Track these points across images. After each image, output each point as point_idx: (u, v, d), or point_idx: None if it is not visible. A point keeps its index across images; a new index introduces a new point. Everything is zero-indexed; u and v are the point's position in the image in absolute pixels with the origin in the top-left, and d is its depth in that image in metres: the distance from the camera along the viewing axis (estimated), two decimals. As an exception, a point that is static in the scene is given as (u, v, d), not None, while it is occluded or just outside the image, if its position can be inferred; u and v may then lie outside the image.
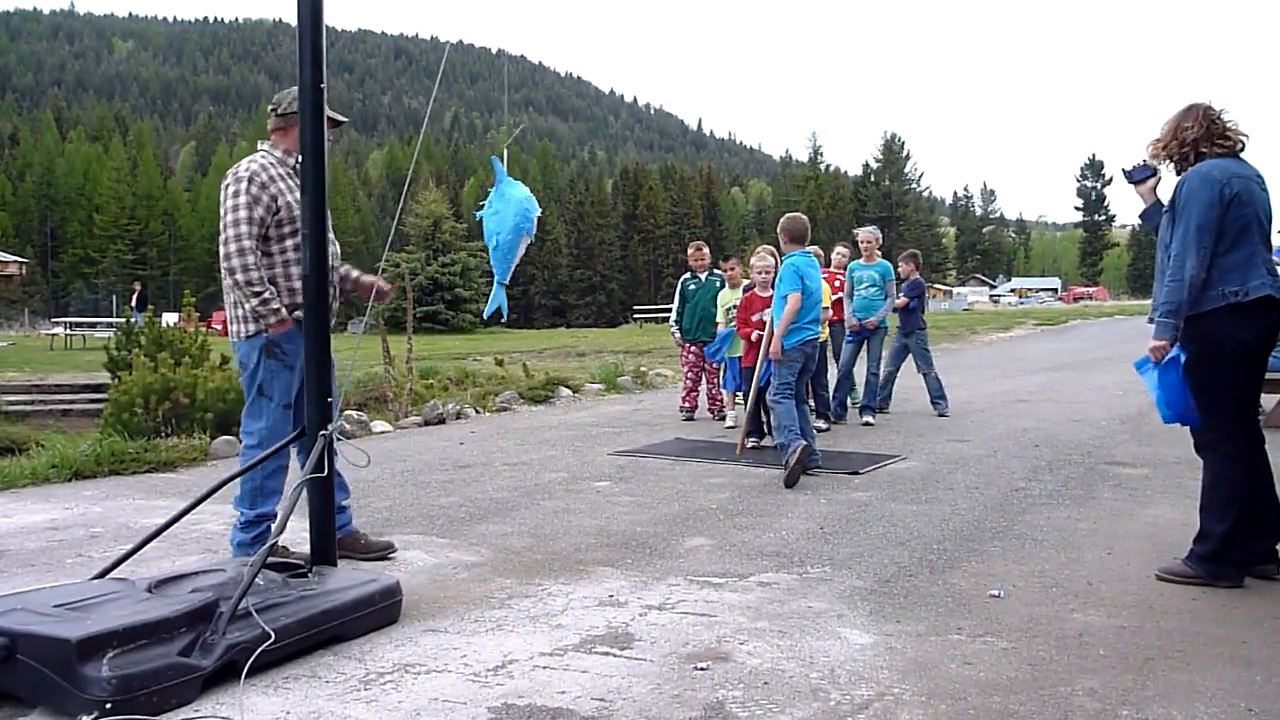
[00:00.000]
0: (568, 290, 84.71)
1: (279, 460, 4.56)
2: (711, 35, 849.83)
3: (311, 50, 4.03)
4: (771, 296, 7.27)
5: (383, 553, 4.78)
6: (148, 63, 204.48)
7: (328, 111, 4.53)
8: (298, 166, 4.48)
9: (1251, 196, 4.13)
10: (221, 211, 4.47)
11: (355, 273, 4.97)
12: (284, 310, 4.49)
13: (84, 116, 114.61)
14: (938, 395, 10.07)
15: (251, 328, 4.51)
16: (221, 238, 4.43)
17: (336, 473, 4.78)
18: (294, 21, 4.11)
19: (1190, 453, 4.50)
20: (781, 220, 7.24)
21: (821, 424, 8.84)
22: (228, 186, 4.48)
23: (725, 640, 3.59)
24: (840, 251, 10.32)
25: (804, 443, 6.54)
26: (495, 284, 4.94)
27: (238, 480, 4.49)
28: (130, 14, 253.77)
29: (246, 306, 4.45)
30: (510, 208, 4.84)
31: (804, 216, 7.28)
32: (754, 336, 7.74)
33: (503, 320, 7.67)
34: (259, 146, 4.70)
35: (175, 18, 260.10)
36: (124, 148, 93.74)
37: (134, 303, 26.59)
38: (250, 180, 4.45)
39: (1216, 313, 4.12)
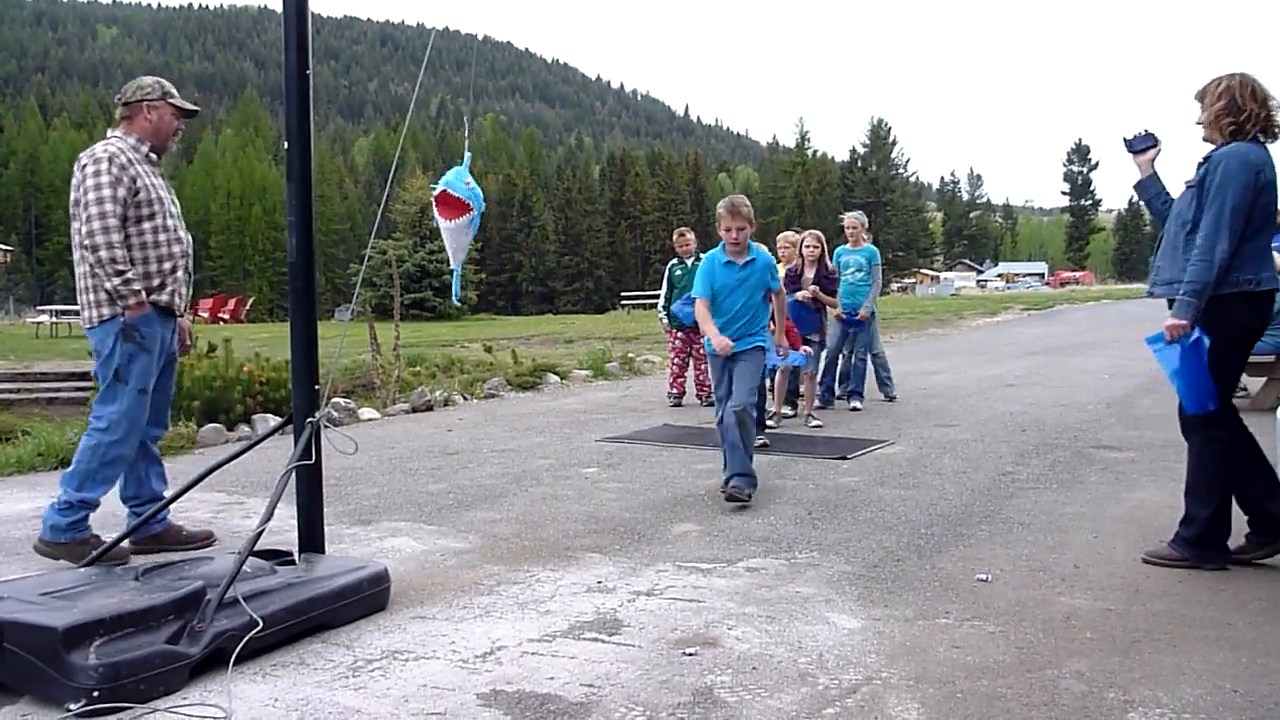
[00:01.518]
0: (555, 277, 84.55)
1: (122, 449, 4.49)
2: (698, 21, 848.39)
3: (297, 36, 4.01)
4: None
5: (204, 542, 4.76)
6: (132, 49, 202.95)
7: (178, 100, 4.73)
8: (150, 155, 4.66)
9: (1275, 186, 4.09)
10: (80, 192, 4.43)
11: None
12: (143, 293, 4.47)
13: (68, 103, 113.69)
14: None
15: (107, 311, 4.45)
16: (84, 215, 4.38)
17: (156, 461, 4.82)
18: (279, 7, 4.09)
19: (1176, 436, 4.52)
20: (745, 205, 5.82)
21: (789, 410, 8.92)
22: (85, 167, 4.45)
23: (713, 626, 3.59)
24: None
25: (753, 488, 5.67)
26: (458, 270, 4.90)
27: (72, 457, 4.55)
28: (114, 0, 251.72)
29: (108, 285, 4.39)
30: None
31: None
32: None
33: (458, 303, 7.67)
34: (108, 134, 4.68)
35: (160, 4, 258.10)
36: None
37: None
38: (110, 160, 4.44)
39: (1230, 298, 4.07)
